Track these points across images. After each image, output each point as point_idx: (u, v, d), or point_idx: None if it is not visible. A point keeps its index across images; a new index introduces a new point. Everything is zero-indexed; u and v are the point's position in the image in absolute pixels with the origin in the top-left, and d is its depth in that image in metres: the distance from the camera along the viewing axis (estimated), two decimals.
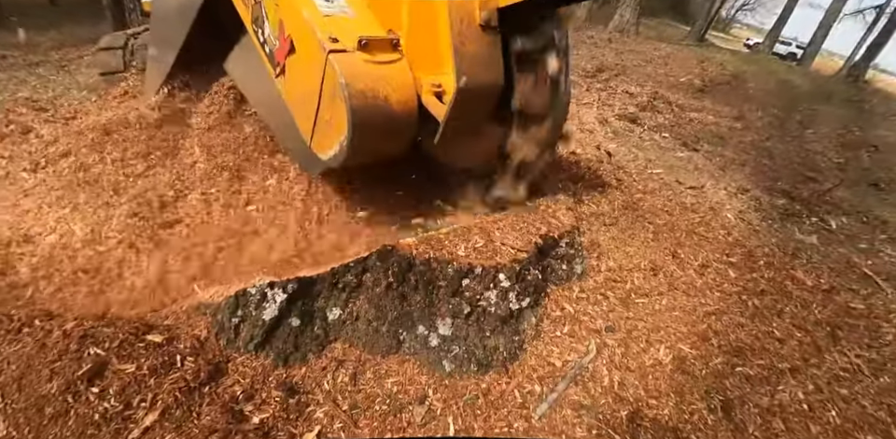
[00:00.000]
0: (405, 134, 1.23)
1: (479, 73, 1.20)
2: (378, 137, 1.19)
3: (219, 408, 1.03)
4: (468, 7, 1.18)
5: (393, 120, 1.18)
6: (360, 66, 1.13)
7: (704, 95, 5.46)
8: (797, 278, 2.07)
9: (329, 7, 1.22)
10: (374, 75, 1.14)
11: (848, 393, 1.52)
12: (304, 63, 1.22)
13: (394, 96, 1.16)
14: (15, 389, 1.03)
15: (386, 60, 1.17)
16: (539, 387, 1.20)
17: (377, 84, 1.13)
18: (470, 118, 1.27)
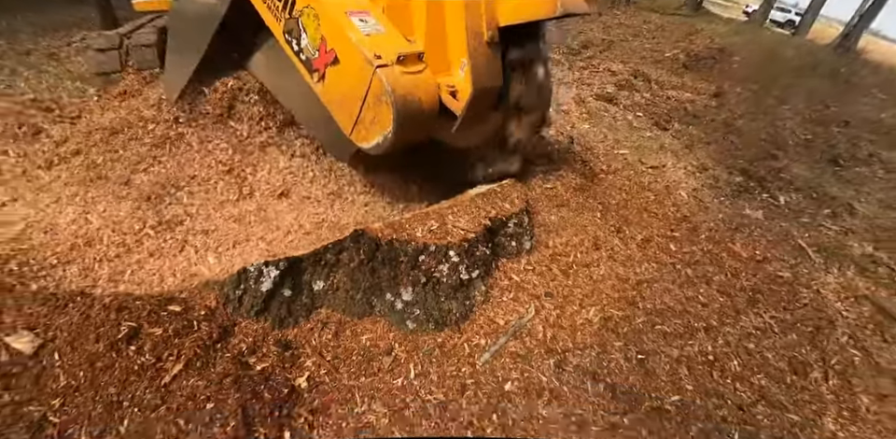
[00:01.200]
0: (430, 125, 1.63)
1: (485, 79, 1.63)
2: (412, 129, 1.58)
3: (230, 360, 1.33)
4: (479, 27, 1.56)
5: (424, 116, 1.56)
6: (400, 77, 1.47)
7: (686, 71, 5.54)
8: (733, 250, 2.35)
9: (366, 26, 1.54)
10: (410, 83, 1.49)
11: (755, 347, 1.82)
12: (349, 73, 1.53)
13: (424, 98, 1.54)
14: (69, 350, 1.32)
15: (416, 70, 1.52)
16: (484, 341, 1.51)
17: (413, 90, 1.50)
18: (478, 110, 1.70)
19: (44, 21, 5.43)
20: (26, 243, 1.88)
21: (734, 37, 7.89)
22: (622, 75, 5.00)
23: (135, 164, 2.05)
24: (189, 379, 1.27)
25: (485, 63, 1.61)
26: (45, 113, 2.43)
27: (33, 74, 3.87)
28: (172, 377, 1.27)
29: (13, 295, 1.49)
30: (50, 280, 1.76)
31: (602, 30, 7.05)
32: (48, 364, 1.29)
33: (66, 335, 1.33)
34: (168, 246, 1.91)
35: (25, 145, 2.21)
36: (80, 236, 1.92)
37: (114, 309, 1.35)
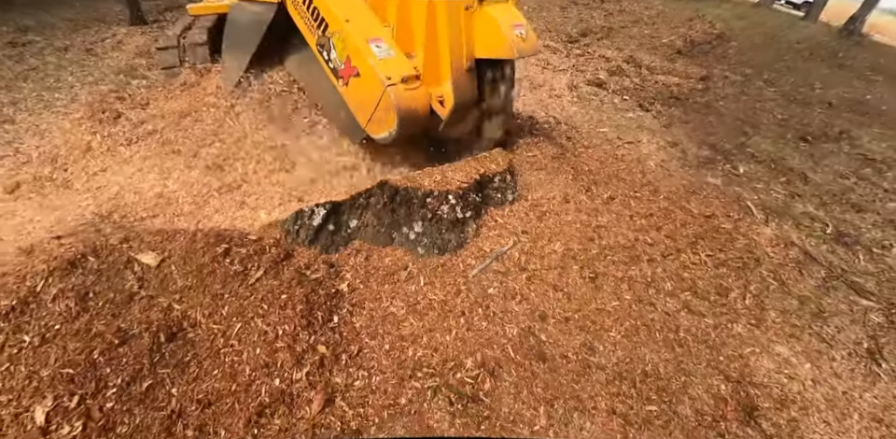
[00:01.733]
0: (423, 124, 2.34)
1: (463, 95, 2.34)
2: (410, 128, 2.29)
3: (293, 271, 1.98)
4: (460, 59, 2.26)
5: (419, 119, 2.28)
6: (403, 93, 2.18)
7: (679, 57, 6.06)
8: (686, 208, 2.94)
9: (381, 51, 2.18)
10: (410, 97, 2.20)
11: (688, 276, 2.42)
12: (367, 85, 2.23)
13: (419, 107, 2.25)
14: (182, 263, 1.98)
15: (415, 86, 2.21)
16: (474, 262, 2.14)
17: (411, 103, 2.21)
18: (459, 115, 2.43)
19: (75, 16, 6.13)
20: (121, 201, 2.56)
21: (736, 22, 8.34)
22: (615, 61, 5.55)
23: (201, 141, 2.71)
24: (267, 281, 1.92)
25: (463, 84, 2.31)
26: (120, 101, 3.09)
27: (76, 68, 4.56)
28: (255, 279, 1.92)
29: (133, 230, 2.16)
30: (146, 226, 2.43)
31: (603, 17, 7.55)
32: (168, 272, 1.95)
33: (179, 253, 1.99)
34: (229, 204, 2.57)
35: (109, 127, 2.88)
36: (161, 197, 2.58)
37: (212, 235, 2.00)
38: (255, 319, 1.80)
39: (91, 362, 1.65)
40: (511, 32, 2.18)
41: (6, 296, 1.80)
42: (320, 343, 1.77)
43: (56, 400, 1.60)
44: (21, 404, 1.61)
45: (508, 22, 2.20)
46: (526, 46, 2.21)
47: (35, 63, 4.64)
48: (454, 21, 2.15)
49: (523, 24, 2.25)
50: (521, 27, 2.23)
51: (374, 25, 2.27)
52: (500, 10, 2.25)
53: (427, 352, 1.81)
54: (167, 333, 1.75)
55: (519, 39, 2.19)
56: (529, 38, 2.24)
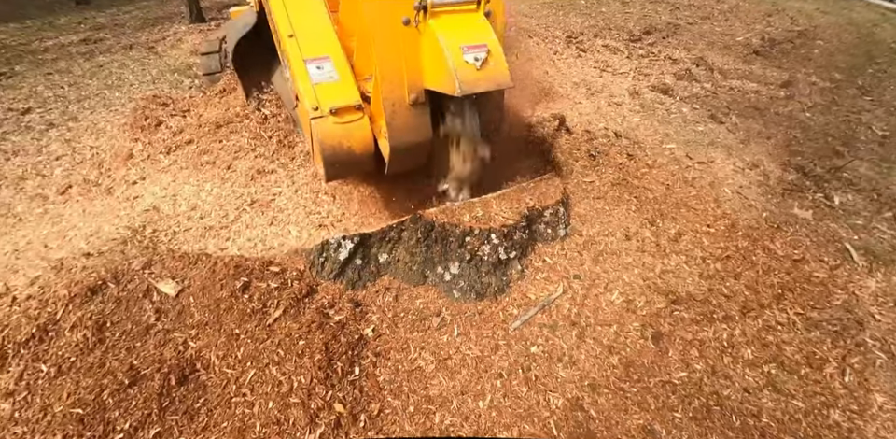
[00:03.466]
0: (366, 164, 1.82)
1: (406, 137, 1.71)
2: (344, 169, 1.82)
3: (315, 310, 1.74)
4: (398, 93, 1.64)
5: (354, 159, 1.75)
6: (331, 128, 1.68)
7: (756, 58, 5.24)
8: (770, 248, 2.42)
9: (319, 74, 1.70)
10: (341, 133, 1.69)
11: (772, 340, 1.95)
12: (303, 113, 1.78)
13: (354, 145, 1.73)
14: (200, 295, 1.80)
15: (351, 120, 1.69)
16: (516, 311, 1.80)
17: (342, 140, 1.70)
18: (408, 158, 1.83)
19: (144, 14, 6.23)
20: (155, 214, 2.43)
21: (821, 17, 7.18)
22: (683, 63, 4.87)
23: (235, 152, 2.52)
24: (285, 322, 1.69)
25: (405, 122, 1.69)
26: (163, 107, 2.98)
27: (137, 66, 4.57)
28: (273, 320, 1.70)
29: (156, 253, 2.01)
30: (174, 244, 2.29)
31: (669, 12, 6.74)
32: (186, 305, 1.78)
33: (198, 284, 1.81)
34: (260, 220, 2.37)
35: (150, 134, 2.77)
36: (195, 209, 2.43)
37: (232, 266, 1.80)
38: (270, 367, 1.58)
39: (101, 403, 1.50)
40: (459, 57, 1.47)
41: (28, 322, 1.69)
42: (338, 400, 1.52)
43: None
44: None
45: (456, 42, 1.48)
46: (481, 78, 1.46)
47: (102, 60, 4.71)
48: (387, 40, 1.53)
49: (485, 45, 1.50)
50: (479, 49, 1.49)
51: (326, 41, 1.76)
52: (451, 24, 1.53)
53: (456, 420, 1.52)
54: (178, 376, 1.57)
55: (469, 68, 1.46)
56: (491, 67, 1.49)
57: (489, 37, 1.54)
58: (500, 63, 1.53)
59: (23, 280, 2.15)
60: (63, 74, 4.44)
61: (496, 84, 1.51)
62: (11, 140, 3.37)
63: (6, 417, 1.55)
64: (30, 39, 5.39)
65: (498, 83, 1.51)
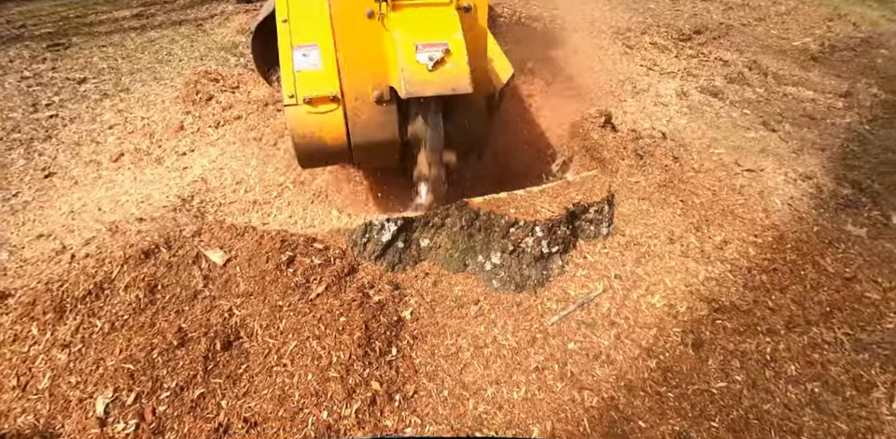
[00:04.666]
0: (339, 156, 1.76)
1: (369, 134, 1.65)
2: (317, 160, 1.79)
3: (356, 289, 1.76)
4: (361, 88, 1.57)
5: (325, 150, 1.69)
6: (304, 117, 1.62)
7: (815, 65, 4.97)
8: (820, 264, 2.31)
9: (304, 61, 1.63)
10: (313, 123, 1.63)
11: (818, 358, 1.87)
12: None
13: (326, 136, 1.65)
14: (247, 265, 1.84)
15: (325, 110, 1.62)
16: (555, 305, 1.78)
17: (314, 130, 1.64)
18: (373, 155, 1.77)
19: None
20: (203, 185, 2.50)
21: (887, 24, 6.72)
22: (734, 66, 4.66)
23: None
24: (327, 298, 1.72)
25: (368, 118, 1.62)
26: (213, 83, 3.04)
27: (186, 42, 4.66)
28: (316, 295, 1.72)
29: (206, 222, 2.06)
30: (219, 215, 2.35)
31: (721, 12, 6.43)
32: (232, 274, 1.82)
33: (245, 255, 1.85)
34: (302, 198, 2.41)
35: (201, 108, 2.83)
36: (240, 183, 2.49)
37: (278, 240, 1.83)
38: (311, 340, 1.61)
39: (151, 361, 1.57)
40: (411, 55, 1.36)
41: (85, 280, 1.77)
42: (375, 378, 1.55)
43: (116, 393, 1.53)
44: (85, 390, 1.57)
45: (411, 39, 1.38)
46: (431, 80, 1.35)
47: (153, 35, 4.83)
48: (349, 32, 1.45)
49: (444, 44, 1.37)
50: (436, 48, 1.36)
51: (318, 29, 1.66)
52: (413, 19, 1.42)
53: (489, 409, 1.52)
54: (223, 341, 1.62)
55: (419, 68, 1.34)
56: (447, 69, 1.36)
57: (453, 36, 1.39)
58: (459, 66, 1.38)
59: (79, 240, 2.26)
60: (116, 47, 4.58)
61: (449, 88, 1.36)
62: (68, 108, 3.51)
63: (61, 366, 1.63)
64: (86, 12, 5.56)
65: (453, 88, 1.36)
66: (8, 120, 3.37)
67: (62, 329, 1.71)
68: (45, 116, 3.42)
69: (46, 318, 1.73)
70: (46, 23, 5.08)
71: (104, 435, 1.46)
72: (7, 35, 4.75)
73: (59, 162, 2.93)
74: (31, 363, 1.66)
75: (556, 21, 5.50)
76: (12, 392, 1.61)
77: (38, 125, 3.31)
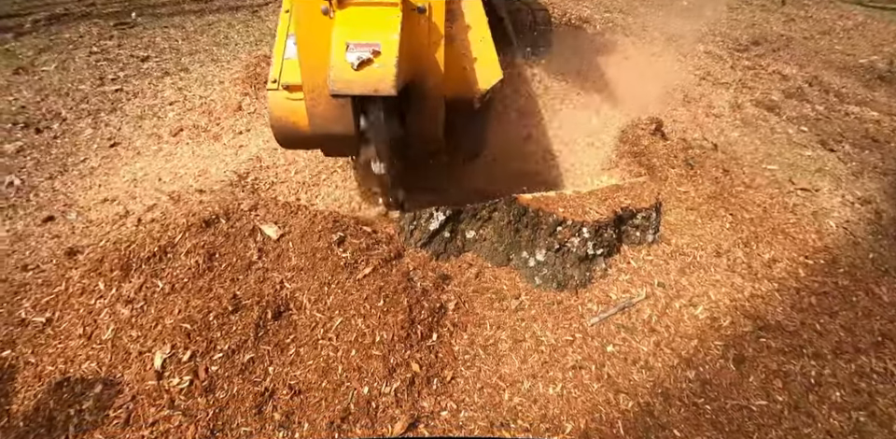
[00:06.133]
0: (311, 143, 1.83)
1: (325, 125, 1.65)
2: (292, 142, 1.86)
3: (401, 273, 1.83)
4: (317, 80, 1.54)
5: (299, 135, 1.76)
6: (282, 102, 1.69)
7: (881, 84, 4.74)
8: (874, 292, 2.23)
9: (294, 50, 1.63)
10: (289, 108, 1.70)
11: (865, 387, 1.81)
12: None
13: (299, 122, 1.71)
14: (299, 241, 1.93)
15: (299, 98, 1.66)
16: (595, 307, 1.80)
17: (289, 115, 1.71)
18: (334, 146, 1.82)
19: None
20: (257, 164, 2.62)
21: None
22: (794, 80, 4.50)
23: None
24: (374, 280, 1.79)
25: (325, 111, 1.61)
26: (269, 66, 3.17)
27: (242, 28, 4.86)
28: (363, 275, 1.80)
29: (262, 198, 2.17)
30: (271, 192, 2.47)
31: (782, 24, 6.21)
32: (285, 249, 1.92)
33: (297, 232, 1.95)
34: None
35: (258, 90, 2.97)
36: (292, 164, 2.60)
37: (331, 220, 1.92)
38: (356, 318, 1.69)
39: (207, 323, 1.68)
40: (341, 54, 1.38)
41: (151, 242, 1.90)
42: (415, 360, 1.61)
43: (173, 350, 1.65)
44: (145, 344, 1.69)
45: (343, 38, 1.40)
46: (355, 80, 1.37)
47: (212, 19, 5.05)
48: (306, 26, 1.49)
49: (375, 45, 1.38)
50: (365, 48, 1.38)
51: None
52: (355, 18, 1.43)
53: (524, 402, 1.56)
54: (274, 311, 1.72)
55: (346, 67, 1.36)
56: (372, 70, 1.37)
57: (388, 37, 1.39)
58: (386, 67, 1.37)
59: (140, 206, 2.42)
60: (177, 28, 4.82)
61: (371, 89, 1.37)
62: (132, 83, 3.73)
63: (124, 320, 1.76)
64: None
65: (376, 89, 1.37)
66: (78, 91, 3.61)
67: (126, 286, 1.85)
68: (111, 89, 3.65)
69: (112, 275, 1.87)
70: (113, 3, 5.39)
71: (159, 387, 1.58)
72: (77, 12, 5.07)
73: (123, 134, 3.13)
74: (96, 315, 1.80)
75: (608, 23, 5.45)
76: (78, 340, 1.76)
77: (105, 98, 3.54)
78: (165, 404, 1.54)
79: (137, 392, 1.58)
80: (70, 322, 1.81)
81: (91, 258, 2.00)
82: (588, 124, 3.04)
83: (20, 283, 2.03)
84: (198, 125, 3.08)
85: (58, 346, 1.75)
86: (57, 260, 2.12)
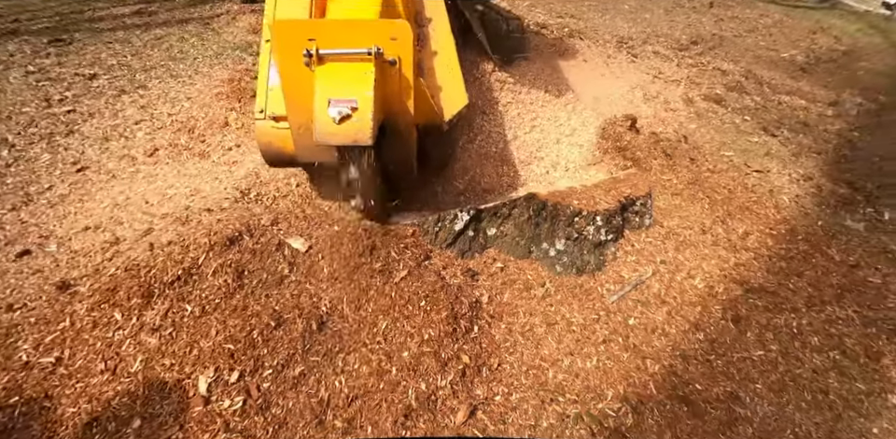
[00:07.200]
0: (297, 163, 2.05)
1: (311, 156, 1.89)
2: (279, 163, 2.10)
3: (434, 273, 2.01)
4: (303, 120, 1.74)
5: (285, 158, 1.99)
6: (269, 131, 1.92)
7: (803, 75, 5.59)
8: (827, 254, 2.72)
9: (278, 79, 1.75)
10: (277, 137, 1.92)
11: (835, 332, 2.25)
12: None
13: (286, 147, 1.93)
14: (329, 252, 2.04)
15: (286, 126, 1.85)
16: (612, 287, 2.08)
17: (277, 143, 1.94)
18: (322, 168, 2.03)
19: None
20: (256, 179, 2.68)
21: (864, 38, 7.56)
22: (732, 75, 5.19)
23: None
24: (411, 282, 1.95)
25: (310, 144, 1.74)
26: (255, 80, 3.22)
27: (197, 41, 4.80)
28: (400, 279, 1.95)
29: (280, 212, 2.26)
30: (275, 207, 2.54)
31: (713, 23, 7.07)
32: (315, 260, 2.03)
33: (326, 242, 2.06)
34: None
35: (245, 105, 3.02)
36: (291, 175, 2.68)
37: (357, 228, 2.05)
38: (401, 320, 1.84)
39: (251, 341, 1.75)
40: (323, 109, 1.57)
41: (173, 265, 1.93)
42: (464, 352, 1.79)
43: (217, 372, 1.70)
44: (182, 371, 1.73)
45: (325, 95, 1.59)
46: (337, 132, 1.57)
47: (159, 33, 4.92)
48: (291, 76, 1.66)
49: (352, 101, 1.57)
50: (345, 104, 1.57)
51: None
52: (333, 73, 1.61)
53: (567, 377, 1.79)
54: (318, 322, 1.83)
55: (328, 121, 1.56)
56: (352, 123, 1.57)
57: (363, 92, 1.58)
58: (363, 121, 1.57)
59: (131, 232, 2.39)
60: (123, 43, 4.65)
61: (352, 140, 1.59)
62: (85, 103, 3.59)
63: (153, 350, 1.79)
64: (81, 8, 5.56)
65: (355, 140, 1.59)
66: (22, 114, 3.42)
67: (149, 314, 1.87)
68: (61, 111, 3.49)
69: (131, 304, 1.88)
70: (41, 18, 5.07)
71: (210, 412, 1.63)
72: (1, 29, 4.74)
73: (89, 157, 3.02)
74: (118, 348, 1.80)
75: (564, 28, 5.95)
76: (101, 376, 1.75)
77: (56, 120, 3.38)
78: (220, 428, 1.59)
79: (184, 421, 1.62)
80: (87, 359, 1.80)
81: (96, 288, 1.98)
82: (568, 124, 3.38)
83: (9, 325, 1.96)
84: (176, 144, 3.06)
85: (76, 386, 1.73)
86: (47, 296, 2.06)
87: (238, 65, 3.69)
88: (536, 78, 4.04)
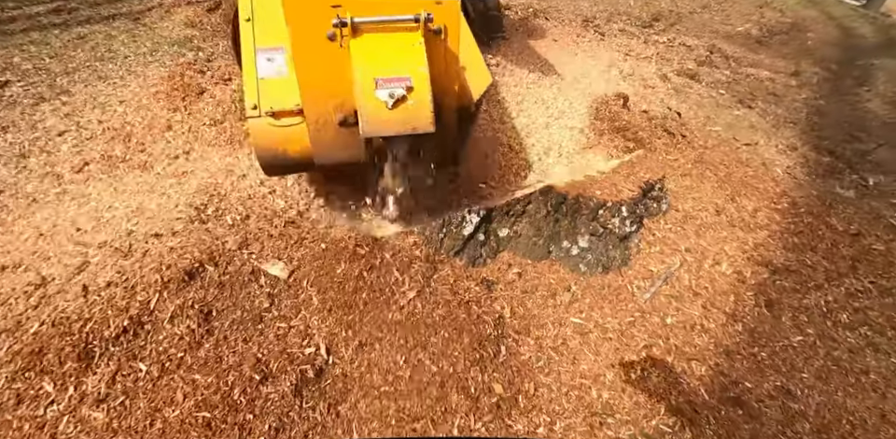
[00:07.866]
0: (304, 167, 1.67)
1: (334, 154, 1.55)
2: (282, 170, 1.72)
3: (448, 290, 1.67)
4: (323, 111, 1.43)
5: (290, 163, 1.61)
6: (266, 130, 1.52)
7: (761, 48, 5.58)
8: (831, 224, 2.62)
9: (268, 67, 1.51)
10: (276, 136, 1.54)
11: (859, 305, 2.13)
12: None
13: (291, 149, 1.56)
14: (316, 276, 1.67)
15: (289, 124, 1.53)
16: (642, 283, 1.83)
17: (276, 143, 1.55)
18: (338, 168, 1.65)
19: None
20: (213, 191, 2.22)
21: (804, 11, 7.74)
22: (698, 50, 5.08)
23: None
24: (422, 303, 1.61)
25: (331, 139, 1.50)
26: (201, 75, 2.70)
27: (127, 38, 4.11)
28: (408, 300, 1.61)
29: (249, 231, 1.83)
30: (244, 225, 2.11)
31: (670, 1, 6.97)
32: (301, 288, 1.64)
33: (311, 265, 1.68)
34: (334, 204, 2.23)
35: (191, 104, 2.51)
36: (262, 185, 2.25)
37: (351, 244, 1.68)
38: (416, 350, 1.50)
39: (231, 404, 1.36)
40: (370, 92, 1.24)
41: (115, 314, 1.49)
42: (495, 380, 1.48)
43: None
44: None
45: (370, 73, 1.25)
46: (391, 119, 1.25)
47: (82, 31, 4.18)
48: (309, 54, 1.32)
49: (406, 79, 1.24)
50: (397, 84, 1.24)
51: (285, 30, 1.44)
52: (374, 47, 1.28)
53: (614, 394, 1.53)
54: (314, 368, 1.46)
55: (379, 106, 1.24)
56: (408, 106, 1.24)
57: (417, 69, 1.26)
58: (421, 103, 1.25)
59: (60, 269, 1.90)
60: (39, 45, 3.90)
61: (410, 128, 1.25)
62: None
63: (101, 428, 1.36)
64: None
65: (414, 127, 1.25)
66: None
67: (90, 380, 1.43)
68: None
69: (65, 369, 1.44)
70: None
71: None
72: None
73: (3, 179, 2.44)
74: (52, 429, 1.36)
75: (528, 9, 5.63)
76: None
77: None
78: None
79: None
80: None
81: (17, 351, 1.51)
82: (555, 106, 3.09)
83: None
84: (110, 155, 2.52)
85: None
86: None
87: (178, 60, 3.12)
88: (517, 60, 3.72)
